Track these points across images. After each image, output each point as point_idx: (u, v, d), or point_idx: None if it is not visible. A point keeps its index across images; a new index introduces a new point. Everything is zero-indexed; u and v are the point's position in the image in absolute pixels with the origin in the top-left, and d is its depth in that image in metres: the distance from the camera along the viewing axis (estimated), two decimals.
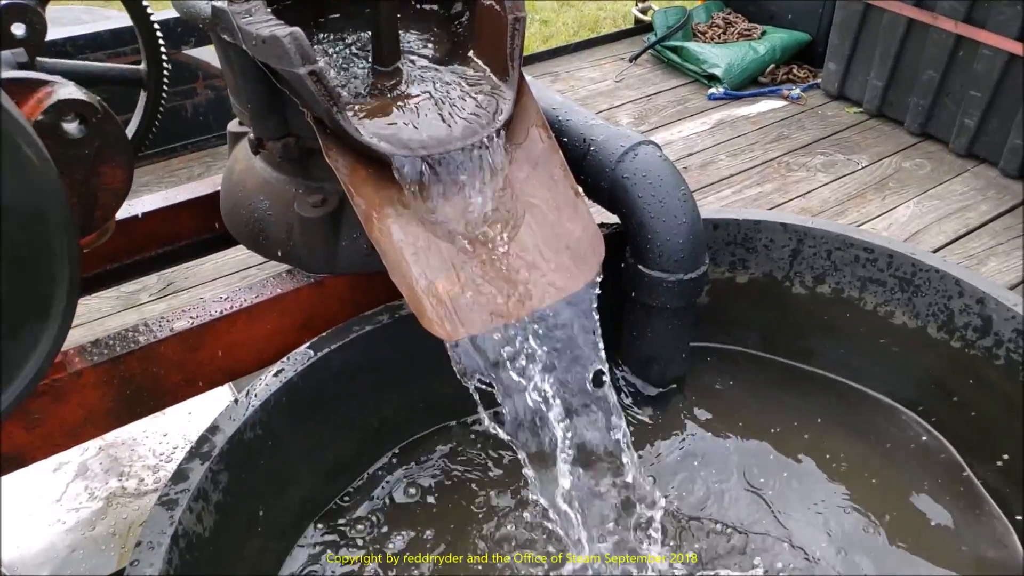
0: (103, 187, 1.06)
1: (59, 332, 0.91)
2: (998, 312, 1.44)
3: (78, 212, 1.05)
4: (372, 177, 1.21)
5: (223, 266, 2.32)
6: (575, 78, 3.78)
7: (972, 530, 1.42)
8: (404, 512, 1.43)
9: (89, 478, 1.59)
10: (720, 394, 1.67)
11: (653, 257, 1.41)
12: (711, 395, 1.66)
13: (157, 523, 1.00)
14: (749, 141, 3.21)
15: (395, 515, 1.43)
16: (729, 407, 1.63)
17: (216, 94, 2.95)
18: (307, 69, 1.10)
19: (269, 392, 1.20)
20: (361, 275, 1.41)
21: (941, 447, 1.55)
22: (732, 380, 1.69)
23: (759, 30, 3.92)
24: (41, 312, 0.89)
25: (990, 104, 2.92)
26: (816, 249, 1.61)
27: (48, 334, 0.90)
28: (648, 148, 1.44)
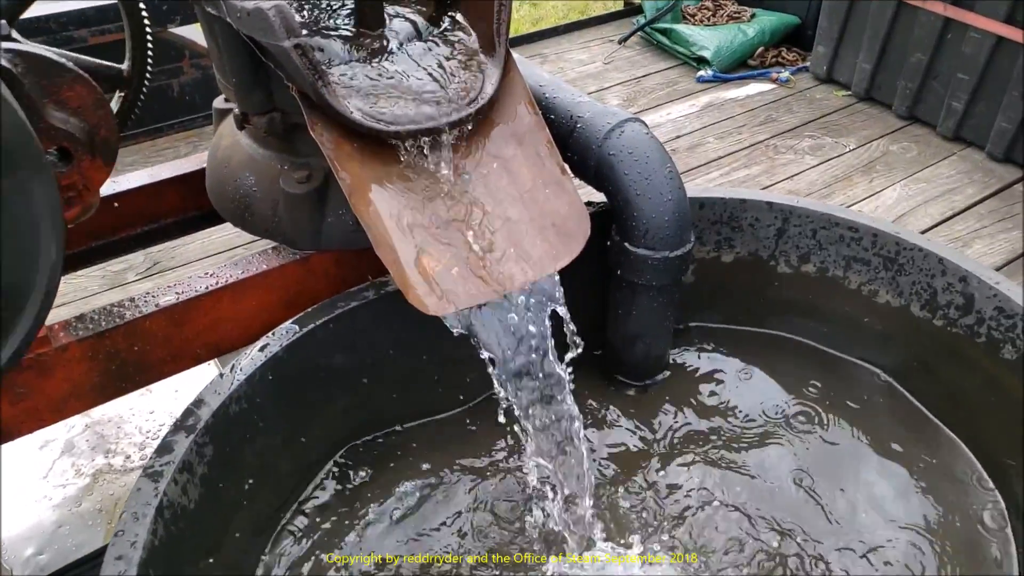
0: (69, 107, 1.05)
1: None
2: (980, 290, 1.45)
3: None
4: (357, 152, 1.21)
5: (209, 245, 2.32)
6: (564, 60, 3.77)
7: (922, 445, 1.50)
8: (391, 488, 1.44)
9: (76, 455, 1.59)
10: (703, 368, 1.68)
11: (638, 235, 1.42)
12: (694, 370, 1.68)
13: (142, 494, 1.00)
14: (737, 124, 3.22)
15: (382, 492, 1.43)
16: (713, 380, 1.65)
17: (202, 73, 2.93)
18: (292, 42, 1.09)
19: (254, 366, 1.20)
20: (347, 252, 1.41)
21: (921, 414, 1.58)
22: (715, 354, 1.71)
23: (748, 13, 3.92)
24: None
25: (977, 87, 2.94)
26: (801, 228, 1.62)
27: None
28: (635, 125, 1.44)
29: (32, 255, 0.88)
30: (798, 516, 1.40)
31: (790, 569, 1.32)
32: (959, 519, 1.39)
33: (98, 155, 1.12)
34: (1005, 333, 1.41)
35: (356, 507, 1.40)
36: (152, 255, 2.23)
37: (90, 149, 1.11)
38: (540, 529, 1.36)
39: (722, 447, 1.53)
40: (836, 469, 1.49)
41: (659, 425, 1.57)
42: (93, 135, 1.11)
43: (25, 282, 0.89)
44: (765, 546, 1.35)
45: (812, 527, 1.38)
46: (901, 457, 1.50)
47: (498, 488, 1.44)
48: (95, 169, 1.13)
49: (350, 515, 1.39)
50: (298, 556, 1.32)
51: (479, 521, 1.39)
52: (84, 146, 1.09)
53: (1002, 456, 1.43)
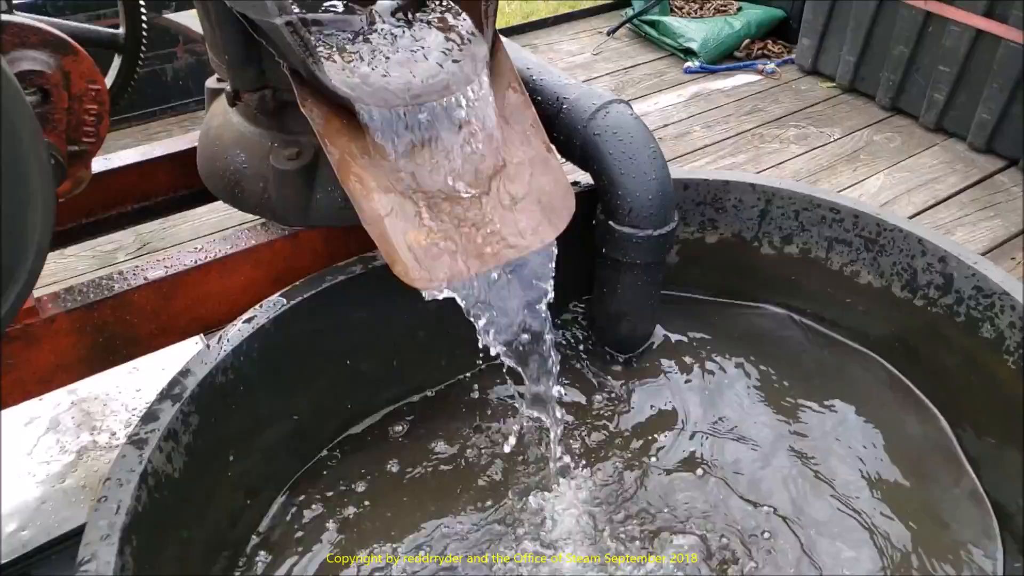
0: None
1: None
2: (959, 270, 1.48)
3: None
4: (346, 128, 1.22)
5: (200, 226, 2.32)
6: (553, 51, 3.79)
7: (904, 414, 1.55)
8: (376, 464, 1.45)
9: (61, 432, 1.59)
10: (685, 341, 1.71)
11: (623, 213, 1.44)
12: (678, 342, 1.71)
13: (127, 460, 1.01)
14: (724, 113, 3.24)
15: (367, 468, 1.45)
16: (696, 354, 1.68)
17: (196, 59, 2.94)
18: (283, 19, 1.11)
19: (241, 337, 1.21)
20: (335, 228, 1.42)
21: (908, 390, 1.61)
22: (698, 331, 1.73)
23: (735, 6, 3.94)
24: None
25: (958, 79, 2.98)
26: (784, 209, 1.64)
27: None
28: (619, 107, 1.46)
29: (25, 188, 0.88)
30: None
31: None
32: (939, 495, 1.42)
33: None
34: (984, 312, 1.44)
35: (341, 486, 1.41)
36: (142, 236, 2.23)
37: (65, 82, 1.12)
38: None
39: (701, 410, 1.56)
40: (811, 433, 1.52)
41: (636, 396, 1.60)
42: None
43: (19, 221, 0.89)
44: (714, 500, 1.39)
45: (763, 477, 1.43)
46: (882, 427, 1.53)
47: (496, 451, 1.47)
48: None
49: (336, 495, 1.40)
50: (282, 533, 1.33)
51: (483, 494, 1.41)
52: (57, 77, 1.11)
53: (982, 434, 1.45)
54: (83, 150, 1.18)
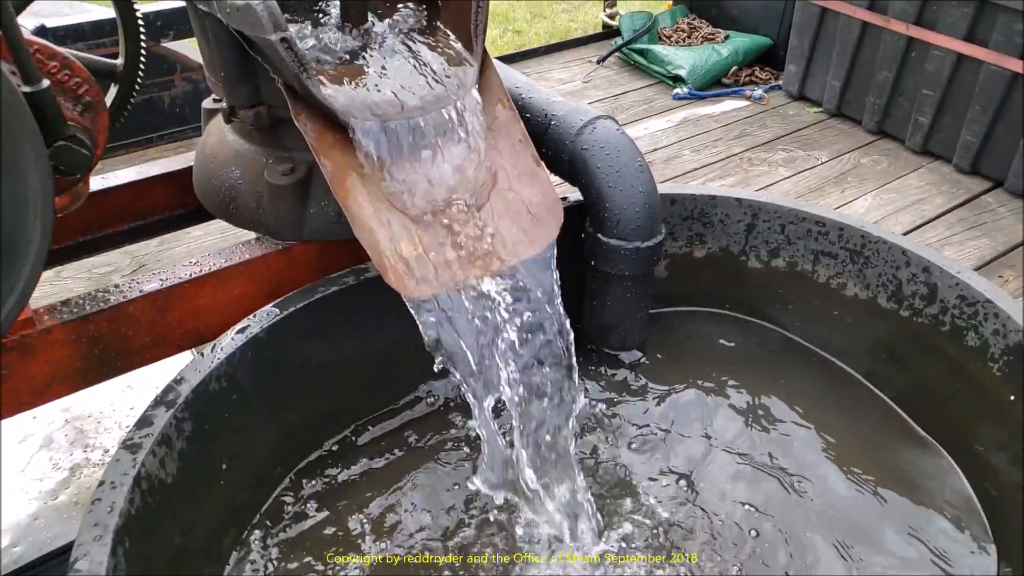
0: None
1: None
2: (943, 279, 1.50)
3: None
4: (340, 142, 1.25)
5: (196, 248, 2.34)
6: (544, 79, 3.85)
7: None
8: (371, 470, 1.46)
9: (54, 449, 1.59)
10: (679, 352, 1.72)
11: (611, 226, 1.46)
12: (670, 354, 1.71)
13: (121, 464, 1.02)
14: (713, 137, 3.30)
15: (361, 474, 1.45)
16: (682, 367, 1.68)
17: (193, 86, 3.00)
18: (278, 36, 1.14)
19: (235, 346, 1.22)
20: (329, 243, 1.44)
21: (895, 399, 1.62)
22: (689, 340, 1.75)
23: (722, 34, 4.02)
24: None
25: (942, 103, 3.04)
26: (770, 223, 1.67)
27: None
28: (606, 122, 1.49)
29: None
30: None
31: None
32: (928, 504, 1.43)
33: None
34: (968, 320, 1.46)
35: (335, 492, 1.42)
36: (138, 257, 2.24)
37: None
38: None
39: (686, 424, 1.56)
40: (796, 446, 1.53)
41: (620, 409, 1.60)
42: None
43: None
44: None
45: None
46: (869, 437, 1.54)
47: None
48: None
49: (327, 504, 1.40)
50: (272, 543, 1.33)
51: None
52: None
53: (971, 442, 1.46)
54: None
